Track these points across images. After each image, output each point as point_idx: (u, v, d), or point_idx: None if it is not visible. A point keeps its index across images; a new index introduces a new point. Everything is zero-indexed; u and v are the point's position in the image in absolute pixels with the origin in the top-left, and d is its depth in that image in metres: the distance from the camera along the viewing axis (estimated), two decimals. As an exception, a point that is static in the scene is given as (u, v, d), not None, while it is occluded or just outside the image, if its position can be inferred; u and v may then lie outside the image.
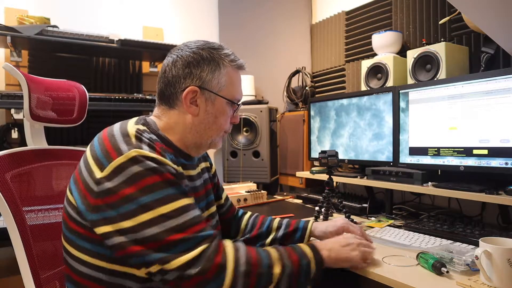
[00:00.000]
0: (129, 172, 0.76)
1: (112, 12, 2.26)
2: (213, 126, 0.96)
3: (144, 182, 0.76)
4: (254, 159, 2.27)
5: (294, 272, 0.85)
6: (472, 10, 1.12)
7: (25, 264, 0.92)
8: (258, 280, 0.80)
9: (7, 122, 1.93)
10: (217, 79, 0.94)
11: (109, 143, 0.81)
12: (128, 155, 0.77)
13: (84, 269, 0.83)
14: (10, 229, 0.92)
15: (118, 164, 0.77)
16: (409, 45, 1.89)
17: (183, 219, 0.78)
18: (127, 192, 0.75)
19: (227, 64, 0.95)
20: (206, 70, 0.92)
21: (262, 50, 2.55)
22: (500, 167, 1.23)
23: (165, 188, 0.78)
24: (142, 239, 0.75)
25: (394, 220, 1.50)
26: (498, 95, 1.24)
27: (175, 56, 0.93)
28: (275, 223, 1.17)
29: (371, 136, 1.70)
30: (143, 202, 0.76)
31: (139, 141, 0.82)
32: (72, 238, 0.84)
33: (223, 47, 0.97)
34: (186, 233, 0.77)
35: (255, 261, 0.81)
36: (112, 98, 1.91)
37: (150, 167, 0.78)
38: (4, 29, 1.70)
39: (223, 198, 1.20)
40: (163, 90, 0.94)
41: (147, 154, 0.79)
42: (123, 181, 0.76)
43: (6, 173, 0.95)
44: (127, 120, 0.92)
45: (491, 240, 0.88)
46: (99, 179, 0.77)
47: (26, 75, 1.07)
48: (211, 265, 0.76)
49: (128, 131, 0.84)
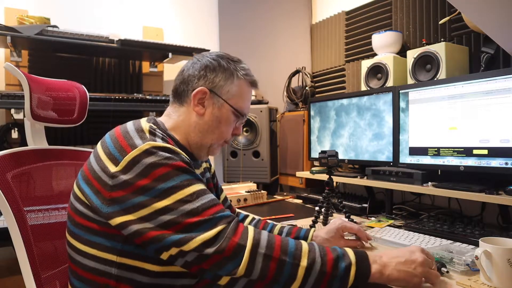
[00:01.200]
0: (144, 164, 0.78)
1: (112, 12, 2.26)
2: (215, 130, 0.98)
3: (159, 171, 0.78)
4: (254, 159, 2.27)
5: (326, 271, 0.77)
6: (472, 10, 1.13)
7: (26, 264, 0.92)
8: (279, 267, 0.76)
9: (7, 122, 1.92)
10: (229, 87, 0.97)
11: (123, 139, 0.83)
12: (142, 148, 0.80)
13: (91, 263, 0.83)
14: (11, 229, 0.92)
15: (132, 157, 0.79)
16: (409, 45, 1.89)
17: (199, 203, 0.79)
18: (143, 183, 0.77)
19: (241, 77, 0.99)
20: (220, 77, 0.97)
21: (262, 50, 2.55)
22: (500, 167, 1.23)
23: (180, 175, 0.80)
24: (160, 225, 0.76)
25: (394, 220, 1.50)
26: (498, 95, 1.24)
27: (196, 59, 1.00)
28: (277, 229, 1.17)
29: (371, 136, 1.71)
30: (159, 190, 0.77)
31: (153, 135, 0.85)
32: (80, 233, 0.85)
33: (242, 61, 1.03)
34: (202, 215, 0.78)
35: (278, 246, 0.78)
36: (112, 98, 1.91)
37: (164, 156, 0.80)
38: (4, 29, 1.70)
39: (221, 198, 1.20)
40: (177, 87, 1.00)
41: (161, 144, 0.82)
42: (139, 173, 0.78)
43: (7, 173, 0.95)
44: (138, 119, 0.94)
45: (491, 240, 0.88)
46: (113, 173, 0.79)
47: (27, 75, 1.07)
48: (228, 243, 0.75)
49: (143, 127, 0.87)
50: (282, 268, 0.76)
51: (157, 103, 2.04)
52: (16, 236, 0.92)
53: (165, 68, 2.41)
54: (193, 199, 0.79)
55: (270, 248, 0.77)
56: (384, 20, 2.06)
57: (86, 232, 0.84)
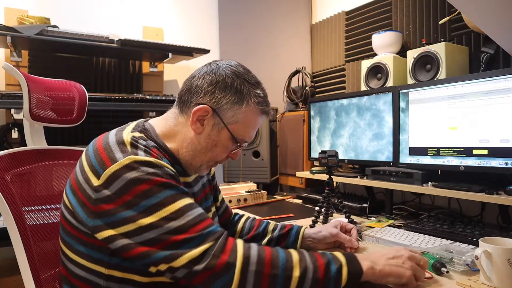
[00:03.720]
0: (125, 179, 0.75)
1: (112, 12, 2.26)
2: (208, 153, 0.92)
3: (141, 187, 0.75)
4: (254, 159, 2.27)
5: (319, 277, 0.76)
6: (472, 10, 1.12)
7: (25, 264, 0.92)
8: (272, 282, 0.75)
9: (7, 122, 1.93)
10: (234, 111, 0.90)
11: (104, 152, 0.80)
12: (122, 163, 0.76)
13: (81, 273, 0.83)
14: (10, 229, 0.92)
15: (112, 172, 0.76)
16: (409, 45, 1.89)
17: (185, 220, 0.76)
18: (126, 199, 0.75)
19: (251, 104, 0.91)
20: (229, 98, 0.89)
21: (262, 50, 2.55)
22: (500, 167, 1.23)
23: (163, 191, 0.77)
24: (145, 242, 0.74)
25: (394, 220, 1.50)
26: (498, 95, 1.24)
27: (210, 69, 0.91)
28: (271, 225, 1.18)
29: (371, 136, 1.70)
30: (143, 206, 0.75)
31: (135, 148, 0.81)
32: (70, 242, 0.84)
33: (260, 85, 0.95)
34: (189, 233, 0.75)
35: (269, 261, 0.76)
36: (112, 98, 1.91)
37: (146, 172, 0.77)
38: (4, 29, 1.70)
39: (219, 200, 1.20)
40: (182, 94, 0.93)
41: (142, 159, 0.78)
42: (120, 188, 0.75)
43: (6, 173, 0.95)
44: (124, 126, 0.91)
45: (491, 240, 0.88)
46: (96, 186, 0.77)
47: (26, 75, 1.07)
48: (216, 261, 0.74)
49: (124, 138, 0.82)
50: (274, 283, 0.75)
51: (157, 103, 2.04)
52: (15, 236, 0.92)
53: (165, 68, 2.41)
54: (178, 216, 0.76)
55: (261, 264, 0.75)
56: (384, 20, 2.06)
57: (76, 242, 0.82)
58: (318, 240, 1.13)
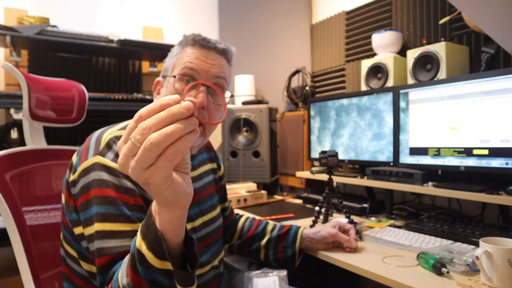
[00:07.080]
0: (87, 179, 0.78)
1: (112, 12, 2.26)
2: None
3: (92, 192, 0.76)
4: (254, 159, 2.27)
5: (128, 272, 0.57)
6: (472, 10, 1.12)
7: (24, 265, 0.91)
8: None
9: (6, 122, 1.92)
10: (171, 60, 0.92)
11: (85, 147, 0.83)
12: (90, 161, 0.79)
13: (79, 269, 0.84)
14: (9, 230, 0.92)
15: (83, 169, 0.79)
16: (409, 45, 1.89)
17: (99, 246, 0.72)
18: (83, 199, 0.78)
19: (184, 43, 0.92)
20: (167, 59, 0.94)
21: (262, 50, 2.55)
22: (501, 167, 1.23)
23: (100, 205, 0.74)
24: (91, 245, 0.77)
25: (394, 220, 1.50)
26: (498, 95, 1.24)
27: None
28: (270, 226, 1.17)
29: (371, 136, 1.70)
30: (88, 214, 0.77)
31: (108, 148, 0.81)
32: (69, 237, 0.85)
33: (201, 34, 0.93)
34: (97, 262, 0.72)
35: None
36: (112, 98, 1.91)
37: (103, 178, 0.76)
38: (4, 29, 1.70)
39: (227, 201, 1.20)
40: None
41: (106, 163, 0.78)
42: (83, 186, 0.78)
43: (6, 173, 0.95)
44: (116, 124, 0.91)
45: (491, 240, 0.88)
46: (70, 181, 0.81)
47: (25, 75, 1.07)
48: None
49: (103, 138, 0.83)
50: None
51: (157, 103, 2.04)
52: (15, 237, 0.92)
53: (165, 68, 2.40)
54: (98, 238, 0.73)
55: None
56: (384, 20, 2.06)
57: (73, 239, 0.84)
58: (317, 240, 1.13)
